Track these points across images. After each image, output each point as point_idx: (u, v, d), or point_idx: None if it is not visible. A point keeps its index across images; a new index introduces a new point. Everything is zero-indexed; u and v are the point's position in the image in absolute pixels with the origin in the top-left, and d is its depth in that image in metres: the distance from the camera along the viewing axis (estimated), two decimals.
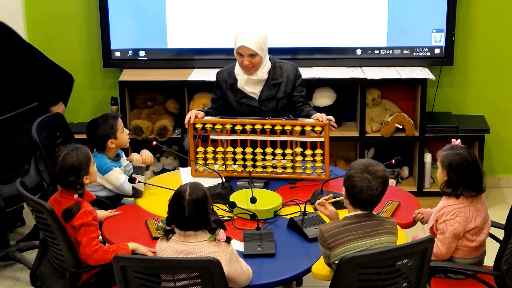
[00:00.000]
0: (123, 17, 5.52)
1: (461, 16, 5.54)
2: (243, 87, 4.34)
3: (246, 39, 4.22)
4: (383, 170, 3.24)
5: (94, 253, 3.46)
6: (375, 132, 5.55)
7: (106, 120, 4.16)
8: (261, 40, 4.25)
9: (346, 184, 3.26)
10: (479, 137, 5.48)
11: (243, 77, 4.33)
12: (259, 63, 4.28)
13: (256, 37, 4.23)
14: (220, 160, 4.21)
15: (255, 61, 4.25)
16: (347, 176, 3.25)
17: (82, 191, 3.53)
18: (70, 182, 3.53)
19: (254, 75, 4.32)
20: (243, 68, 4.30)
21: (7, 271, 4.83)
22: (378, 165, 3.25)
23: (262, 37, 4.27)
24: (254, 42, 4.22)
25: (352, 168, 3.25)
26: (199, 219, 3.12)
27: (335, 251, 3.18)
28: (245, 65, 4.25)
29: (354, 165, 3.26)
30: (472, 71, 5.70)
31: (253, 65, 4.26)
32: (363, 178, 3.19)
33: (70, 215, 3.48)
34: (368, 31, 5.52)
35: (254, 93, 4.36)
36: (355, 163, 3.28)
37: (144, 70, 5.58)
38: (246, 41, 4.21)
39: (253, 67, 4.27)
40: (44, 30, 5.66)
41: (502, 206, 5.47)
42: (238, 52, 4.26)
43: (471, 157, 3.65)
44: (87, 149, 3.65)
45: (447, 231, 3.61)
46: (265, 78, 4.33)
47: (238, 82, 4.35)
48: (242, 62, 4.26)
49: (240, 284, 3.19)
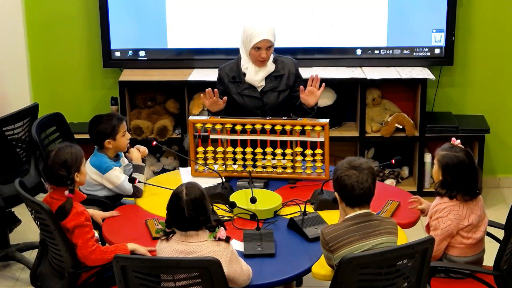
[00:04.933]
0: (123, 17, 5.52)
1: (461, 16, 5.54)
2: (252, 80, 4.39)
3: (266, 32, 4.31)
4: (366, 162, 3.27)
5: (91, 254, 3.46)
6: (375, 132, 5.55)
7: (110, 119, 4.16)
8: (274, 30, 4.39)
9: (337, 186, 3.26)
10: (479, 137, 5.48)
11: (254, 70, 4.39)
12: (271, 54, 4.38)
13: (271, 29, 4.37)
14: (220, 160, 4.21)
15: (270, 53, 4.37)
16: (335, 179, 3.26)
17: (72, 187, 3.53)
18: (61, 177, 3.53)
19: (264, 68, 4.39)
20: (258, 62, 4.36)
21: (7, 271, 4.83)
22: (360, 159, 3.28)
23: (274, 28, 4.40)
24: (272, 34, 4.35)
25: (337, 170, 3.27)
26: (199, 218, 3.12)
27: (338, 254, 3.17)
28: (262, 58, 4.33)
29: (338, 166, 3.28)
30: (472, 71, 5.70)
31: (268, 57, 4.36)
32: (350, 174, 3.20)
33: (63, 212, 3.47)
34: (368, 31, 5.52)
35: (262, 84, 4.41)
36: (338, 165, 3.30)
37: (144, 70, 5.58)
38: (267, 34, 4.31)
39: (268, 59, 4.37)
40: (44, 30, 5.66)
41: (502, 206, 5.47)
42: (257, 46, 4.31)
43: (468, 160, 3.63)
44: (81, 149, 3.65)
45: (439, 228, 3.62)
46: (273, 69, 4.41)
47: (248, 75, 4.40)
48: (260, 55, 4.33)
49: (240, 284, 3.19)
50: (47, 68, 5.74)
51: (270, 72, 4.40)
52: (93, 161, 4.11)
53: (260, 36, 4.30)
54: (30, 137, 4.58)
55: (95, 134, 4.15)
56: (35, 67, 5.73)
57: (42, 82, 5.77)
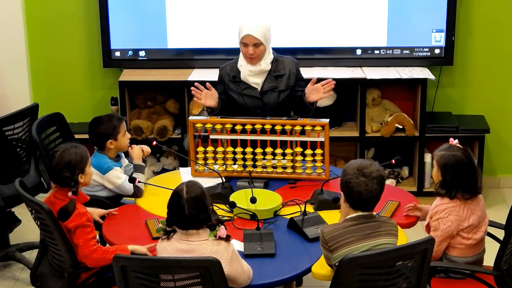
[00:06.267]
0: (123, 17, 5.52)
1: (461, 16, 5.54)
2: (246, 78, 4.37)
3: (251, 28, 4.26)
4: (378, 170, 3.22)
5: (93, 253, 3.46)
6: (375, 132, 5.55)
7: (110, 120, 4.16)
8: (265, 29, 4.30)
9: (344, 189, 3.25)
10: (479, 137, 5.47)
11: (246, 67, 4.36)
12: (263, 53, 4.32)
13: (261, 27, 4.28)
14: (220, 160, 4.21)
15: (259, 51, 4.29)
16: (343, 182, 3.24)
17: (76, 189, 3.53)
18: (65, 178, 3.53)
19: (258, 65, 4.35)
20: (247, 59, 4.33)
21: (7, 271, 4.83)
22: (371, 165, 3.23)
23: (267, 27, 4.32)
24: (259, 32, 4.26)
25: (347, 174, 3.22)
26: (200, 216, 3.13)
27: (337, 253, 3.17)
28: (250, 55, 4.29)
29: (348, 169, 3.23)
30: (472, 71, 5.70)
31: (257, 55, 4.30)
32: (360, 182, 3.18)
33: (66, 213, 3.47)
34: (368, 31, 5.52)
35: (257, 83, 4.38)
36: (348, 167, 3.25)
37: (144, 70, 5.58)
38: (251, 30, 4.25)
39: (257, 57, 4.31)
40: (44, 30, 5.66)
41: (502, 206, 5.47)
42: (243, 42, 4.29)
43: (467, 159, 3.63)
44: (86, 150, 3.65)
45: (440, 229, 3.62)
46: (268, 69, 4.37)
47: (242, 73, 4.37)
48: (247, 52, 4.29)
49: (241, 284, 3.19)
50: (47, 68, 5.74)
51: (264, 71, 4.36)
52: (93, 162, 4.09)
53: (244, 31, 4.27)
54: (30, 137, 4.58)
55: (97, 136, 4.15)
56: (35, 67, 5.73)
57: (42, 82, 5.77)
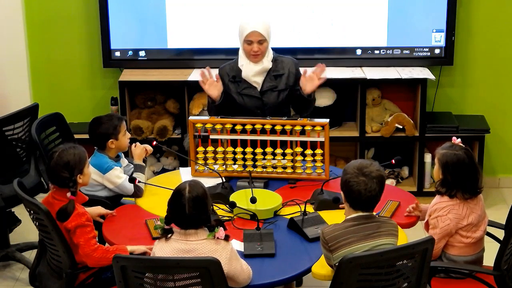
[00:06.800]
0: (123, 17, 5.52)
1: (461, 16, 5.54)
2: (248, 77, 4.38)
3: (256, 25, 4.32)
4: (377, 170, 3.23)
5: (94, 252, 3.46)
6: (375, 132, 5.55)
7: (110, 120, 4.17)
8: (268, 26, 4.37)
9: (344, 189, 3.26)
10: (479, 137, 5.48)
11: (248, 67, 4.38)
12: (266, 50, 4.36)
13: (265, 23, 4.36)
14: (220, 160, 4.21)
15: (263, 48, 4.34)
16: (343, 182, 3.25)
17: (75, 189, 3.53)
18: (63, 179, 3.53)
19: (260, 64, 4.37)
20: (251, 56, 4.35)
21: (7, 271, 4.83)
22: (371, 165, 3.24)
23: (269, 24, 4.40)
24: (264, 28, 4.33)
25: (347, 173, 3.24)
26: (200, 216, 3.13)
27: (337, 254, 3.17)
28: (254, 52, 4.32)
29: (348, 169, 3.24)
30: (472, 71, 5.70)
31: (261, 52, 4.34)
32: (359, 181, 3.19)
33: (65, 214, 3.47)
34: (368, 31, 5.52)
35: (257, 82, 4.40)
36: (348, 166, 3.27)
37: (144, 70, 5.58)
38: (257, 26, 4.31)
39: (261, 54, 4.35)
40: (44, 30, 5.66)
41: (502, 206, 5.47)
42: (247, 39, 4.32)
43: (468, 159, 3.63)
44: (84, 150, 3.65)
45: (438, 227, 3.62)
46: (270, 66, 4.39)
47: (243, 72, 4.39)
48: (251, 50, 4.32)
49: (241, 283, 3.19)
50: (47, 68, 5.74)
51: (266, 69, 4.39)
52: (94, 161, 4.10)
53: (249, 28, 4.31)
54: (30, 137, 4.57)
55: (98, 135, 4.15)
56: (35, 67, 5.73)
57: (42, 82, 5.77)
